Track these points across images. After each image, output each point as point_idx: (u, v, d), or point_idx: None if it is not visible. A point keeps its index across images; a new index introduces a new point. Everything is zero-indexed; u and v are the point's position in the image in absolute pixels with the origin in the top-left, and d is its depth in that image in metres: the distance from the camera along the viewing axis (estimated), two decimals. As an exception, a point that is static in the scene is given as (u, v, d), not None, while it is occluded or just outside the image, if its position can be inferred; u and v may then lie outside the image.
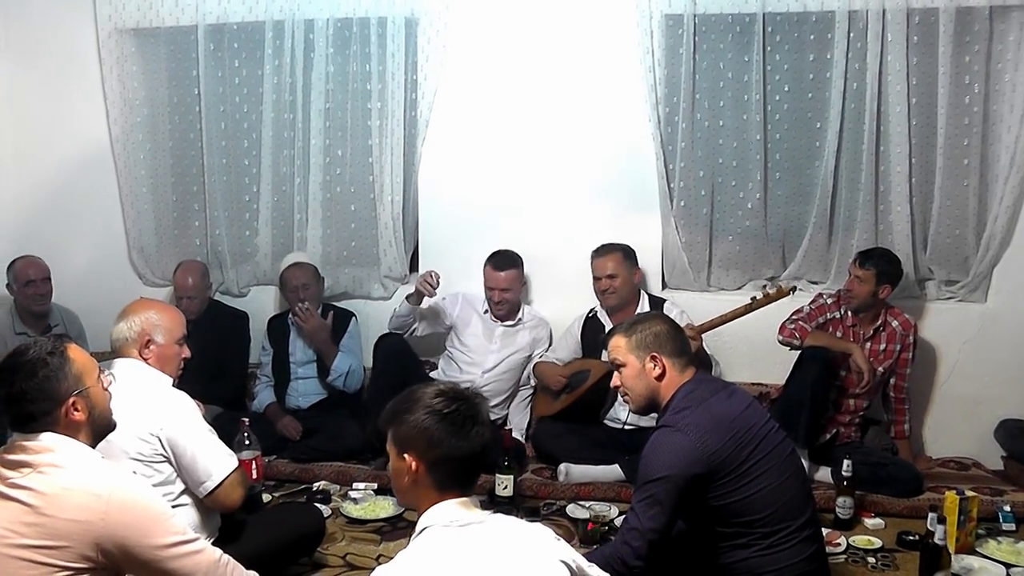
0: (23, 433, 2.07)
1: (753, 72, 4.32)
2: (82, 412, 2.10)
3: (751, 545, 2.47)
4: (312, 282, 4.47)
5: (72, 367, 2.10)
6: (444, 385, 1.98)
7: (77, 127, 5.02)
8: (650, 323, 2.67)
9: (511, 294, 4.37)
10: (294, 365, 4.54)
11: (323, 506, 3.65)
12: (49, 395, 2.06)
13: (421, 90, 4.59)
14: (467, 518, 1.83)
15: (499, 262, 4.35)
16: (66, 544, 1.95)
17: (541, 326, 4.52)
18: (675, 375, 2.60)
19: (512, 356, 4.43)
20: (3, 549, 1.94)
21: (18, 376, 2.06)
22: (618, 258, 4.19)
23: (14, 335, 4.46)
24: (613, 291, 4.17)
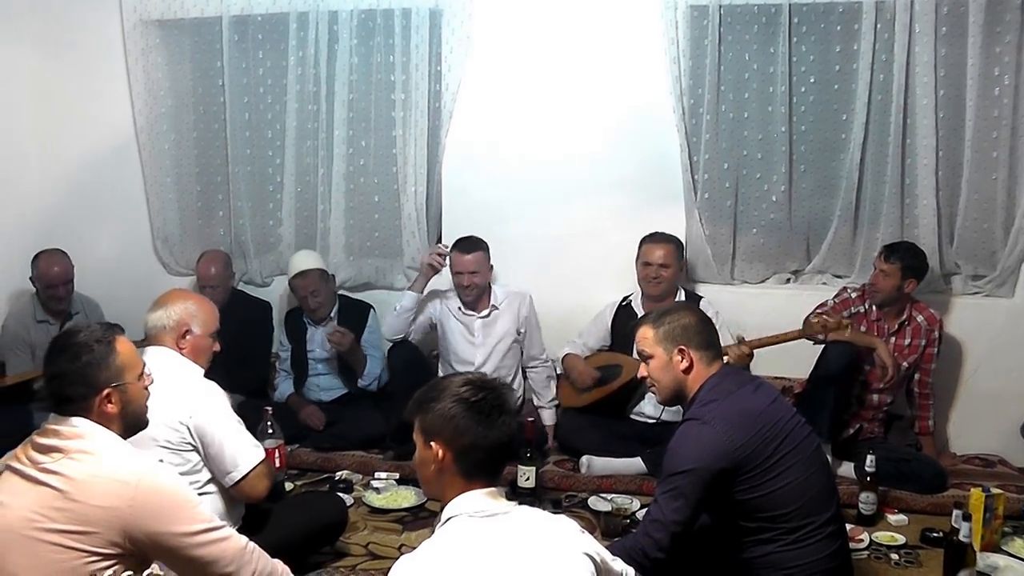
0: (58, 415, 2.10)
1: (779, 63, 4.28)
2: (115, 406, 2.13)
3: (775, 540, 2.46)
4: (321, 286, 4.41)
5: (116, 359, 2.13)
6: (471, 374, 1.99)
7: (102, 117, 5.05)
8: (678, 315, 2.66)
9: (479, 277, 4.28)
10: (313, 362, 4.55)
11: (345, 495, 3.68)
12: (87, 381, 2.09)
13: (445, 81, 4.59)
14: (492, 508, 1.84)
15: (465, 246, 4.28)
16: (94, 530, 1.97)
17: (515, 299, 4.41)
18: (702, 368, 2.59)
19: (499, 345, 4.37)
20: (34, 532, 1.96)
21: (63, 356, 2.11)
22: (672, 249, 4.17)
23: (35, 323, 4.52)
24: (661, 280, 4.13)
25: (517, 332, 4.40)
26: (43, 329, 4.46)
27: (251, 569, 2.18)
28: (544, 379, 4.42)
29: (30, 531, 1.96)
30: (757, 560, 2.48)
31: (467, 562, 1.73)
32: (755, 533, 2.48)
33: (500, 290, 4.42)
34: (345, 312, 4.54)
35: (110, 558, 1.96)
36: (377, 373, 4.43)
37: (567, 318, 4.50)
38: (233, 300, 4.56)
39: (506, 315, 4.38)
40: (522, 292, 4.45)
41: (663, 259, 4.14)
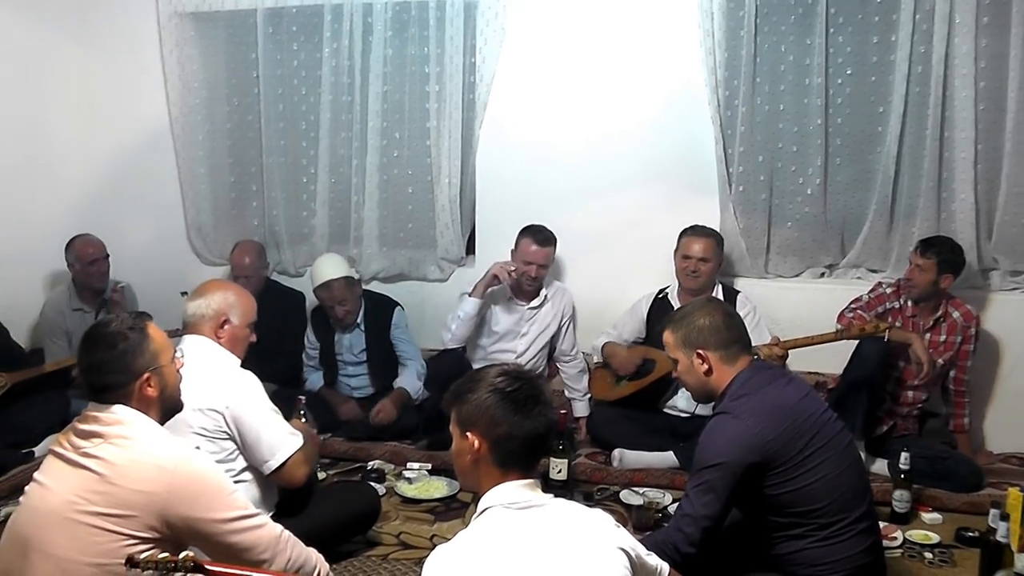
0: (97, 403, 2.14)
1: (815, 55, 4.24)
2: (154, 389, 2.17)
3: (806, 536, 2.44)
4: (347, 294, 4.36)
5: (150, 344, 2.18)
6: (506, 365, 1.99)
7: (137, 108, 5.11)
8: (694, 316, 2.63)
9: (545, 271, 4.33)
10: (342, 363, 4.55)
11: (377, 485, 3.69)
12: (125, 368, 2.13)
13: (479, 73, 4.59)
14: (528, 500, 1.84)
15: (540, 238, 4.27)
16: (132, 513, 2.00)
17: (560, 293, 4.48)
18: (724, 368, 2.57)
19: (541, 335, 4.42)
20: (75, 515, 2.00)
21: (99, 347, 2.14)
22: (712, 243, 4.15)
23: (71, 311, 4.59)
24: (699, 274, 4.11)
25: (558, 326, 4.43)
26: (79, 317, 4.54)
27: (286, 557, 2.21)
28: (576, 373, 4.45)
29: (71, 513, 2.01)
30: (788, 556, 2.47)
31: (503, 553, 1.74)
32: (786, 529, 2.46)
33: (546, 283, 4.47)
34: (372, 314, 4.50)
35: (147, 542, 1.99)
36: (420, 382, 4.40)
37: (600, 311, 4.50)
38: (266, 290, 4.58)
39: (551, 307, 4.43)
40: (564, 288, 4.51)
41: (703, 252, 4.11)
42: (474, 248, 4.84)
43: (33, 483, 2.14)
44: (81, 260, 4.56)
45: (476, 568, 1.71)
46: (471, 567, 1.72)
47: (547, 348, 4.48)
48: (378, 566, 3.12)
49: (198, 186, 5.10)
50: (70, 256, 4.60)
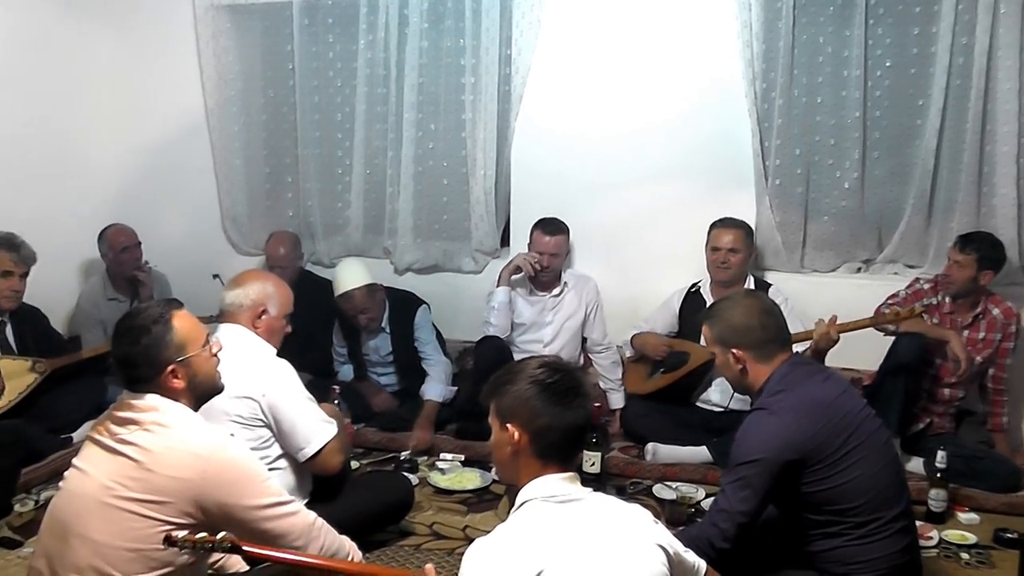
0: (131, 392, 2.16)
1: (854, 47, 4.19)
2: (181, 380, 2.18)
3: (843, 534, 2.43)
4: (368, 303, 4.29)
5: (174, 336, 2.17)
6: (546, 357, 1.99)
7: (173, 100, 5.16)
8: (729, 314, 2.61)
9: (558, 260, 4.35)
10: (370, 363, 4.56)
11: (410, 475, 3.71)
12: (150, 362, 2.14)
13: (515, 65, 4.58)
14: (567, 494, 1.84)
15: (549, 227, 4.32)
16: (168, 499, 2.03)
17: (582, 281, 4.49)
18: (759, 367, 2.55)
19: (567, 323, 4.43)
20: (112, 500, 2.03)
21: (124, 341, 2.16)
22: (741, 234, 4.13)
23: (106, 300, 4.66)
24: (729, 266, 4.10)
25: (584, 314, 4.42)
26: (113, 306, 4.59)
27: (319, 544, 2.24)
28: (609, 364, 4.44)
29: (108, 498, 2.03)
30: (823, 554, 2.46)
31: (541, 547, 1.74)
32: (822, 527, 2.45)
33: (567, 273, 4.48)
34: (397, 316, 4.45)
35: (183, 528, 2.00)
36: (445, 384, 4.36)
37: (634, 304, 4.50)
38: (301, 281, 4.61)
39: (574, 295, 4.44)
40: (587, 276, 4.50)
41: (732, 244, 4.10)
42: (508, 240, 4.84)
43: (72, 468, 2.17)
44: (113, 248, 4.62)
45: (516, 561, 1.71)
46: (511, 560, 1.72)
47: (577, 338, 4.48)
48: (410, 555, 3.14)
49: (233, 177, 5.14)
50: (103, 245, 4.66)
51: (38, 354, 4.04)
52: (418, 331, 4.46)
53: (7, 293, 3.92)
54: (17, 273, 3.93)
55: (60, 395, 4.06)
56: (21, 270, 3.95)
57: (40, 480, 3.64)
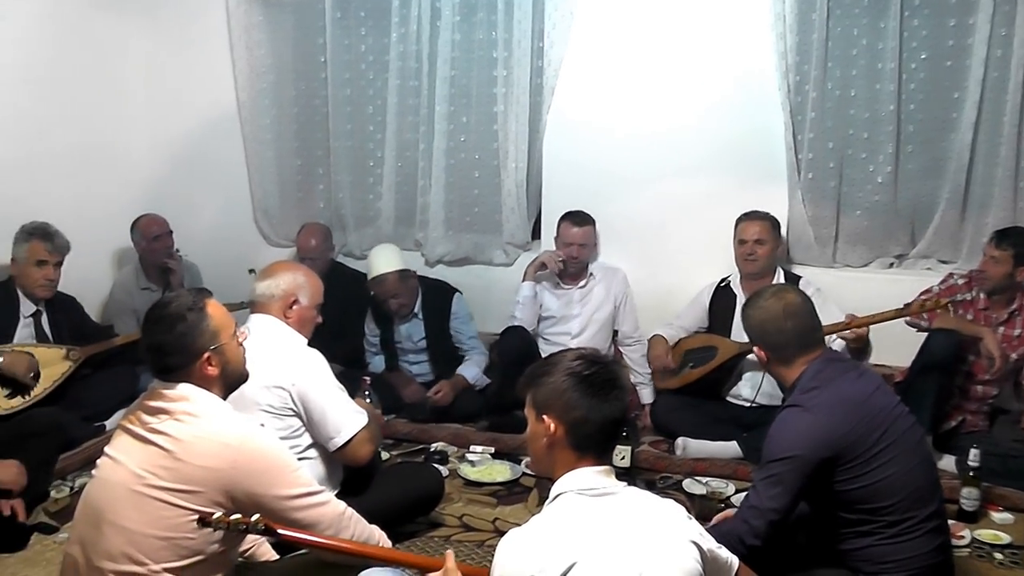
0: (162, 381, 2.18)
1: (888, 39, 4.15)
2: (215, 367, 2.19)
3: (875, 533, 2.41)
4: (400, 288, 4.34)
5: (209, 323, 2.19)
6: (583, 350, 1.99)
7: (206, 93, 5.19)
8: (751, 311, 2.64)
9: (586, 251, 4.38)
10: (402, 350, 4.58)
11: (440, 467, 3.71)
12: (185, 349, 2.16)
13: (547, 57, 4.58)
14: (602, 487, 1.84)
15: (576, 218, 4.36)
16: (198, 489, 2.04)
17: (610, 273, 4.49)
18: (779, 367, 2.57)
19: (595, 315, 4.43)
20: (143, 489, 2.05)
21: (158, 329, 2.17)
22: (767, 225, 4.11)
23: (139, 290, 4.70)
24: (756, 257, 4.08)
25: (613, 306, 4.43)
26: (146, 296, 4.63)
27: (349, 533, 2.25)
28: (640, 357, 4.43)
29: (140, 487, 2.05)
30: (855, 552, 2.44)
31: (575, 540, 1.74)
32: (854, 525, 2.43)
33: (594, 265, 4.49)
34: (430, 303, 4.49)
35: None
36: (481, 371, 4.42)
37: (665, 299, 4.47)
38: (332, 272, 4.61)
39: (601, 287, 4.45)
40: (616, 267, 4.50)
41: (758, 235, 4.08)
42: (540, 233, 4.84)
43: (104, 457, 2.18)
44: (146, 237, 4.67)
45: (549, 553, 1.71)
46: (544, 552, 1.72)
47: (607, 330, 4.48)
48: (440, 547, 3.15)
49: (265, 169, 5.17)
50: (135, 234, 4.71)
51: (73, 342, 4.09)
52: (456, 321, 4.50)
53: (42, 282, 3.96)
54: (51, 262, 3.97)
55: (93, 384, 4.11)
56: (55, 259, 3.99)
57: (74, 467, 3.69)
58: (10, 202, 4.21)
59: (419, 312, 4.48)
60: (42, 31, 4.51)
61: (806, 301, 2.63)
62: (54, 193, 4.49)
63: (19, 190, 4.33)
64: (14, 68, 4.33)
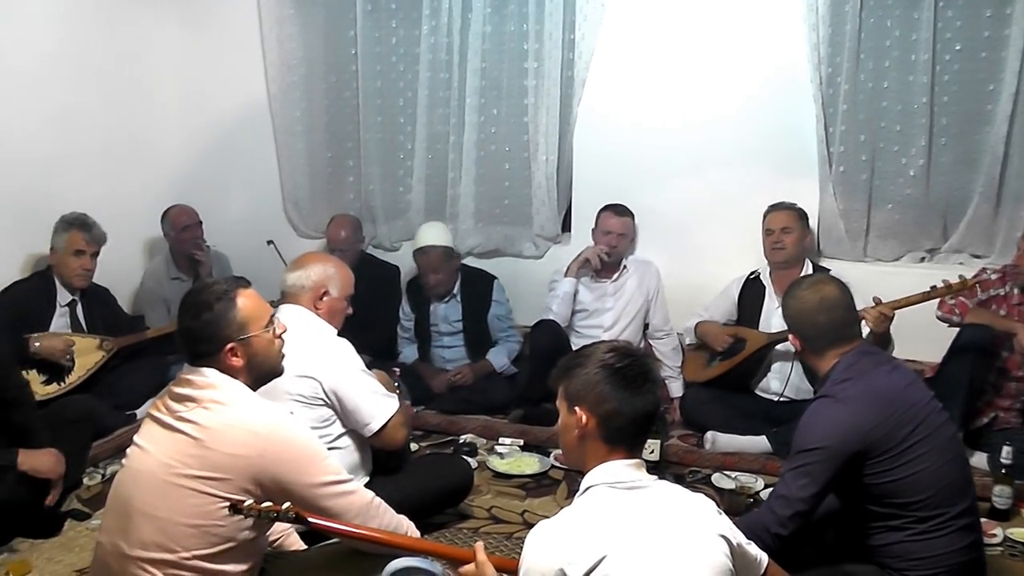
0: (191, 366, 2.19)
1: (922, 30, 4.11)
2: (240, 359, 2.19)
3: (904, 528, 2.39)
4: (442, 264, 4.42)
5: (236, 314, 2.18)
6: (615, 342, 1.99)
7: (237, 85, 5.23)
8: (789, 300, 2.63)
9: (624, 241, 4.39)
10: (437, 334, 4.61)
11: (469, 459, 3.73)
12: (210, 338, 2.16)
13: (578, 49, 4.57)
14: (633, 480, 1.84)
15: (617, 209, 4.38)
16: (227, 477, 2.05)
17: (643, 266, 4.49)
18: (812, 357, 2.56)
19: (627, 308, 4.43)
20: (172, 477, 2.06)
21: (187, 315, 2.19)
22: (793, 215, 4.10)
23: (169, 280, 4.76)
24: (784, 246, 4.06)
25: (645, 299, 4.43)
26: (176, 286, 4.69)
27: (377, 523, 2.25)
28: (670, 351, 4.43)
29: (168, 476, 2.06)
30: (884, 548, 2.42)
31: (605, 533, 1.74)
32: (883, 519, 2.41)
33: (627, 259, 4.48)
34: (468, 287, 4.56)
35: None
36: (508, 360, 4.47)
37: (695, 292, 4.46)
38: (362, 264, 4.63)
39: (634, 280, 4.44)
40: (648, 260, 4.50)
41: (784, 223, 4.07)
42: (570, 226, 4.85)
43: (133, 446, 2.20)
44: (175, 227, 4.72)
45: (579, 546, 1.72)
46: (574, 544, 1.72)
47: (638, 323, 4.47)
48: (469, 538, 3.16)
49: (295, 161, 5.20)
50: (165, 225, 4.77)
51: (106, 332, 4.15)
52: (496, 306, 4.56)
53: (79, 272, 4.03)
54: (88, 252, 4.04)
55: (124, 373, 4.16)
56: (92, 249, 4.06)
57: (106, 455, 3.74)
58: (45, 195, 4.29)
59: (458, 294, 4.54)
60: (73, 26, 4.56)
61: (844, 294, 2.60)
62: (87, 186, 4.54)
63: (53, 183, 4.39)
64: (47, 63, 4.39)
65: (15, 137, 4.22)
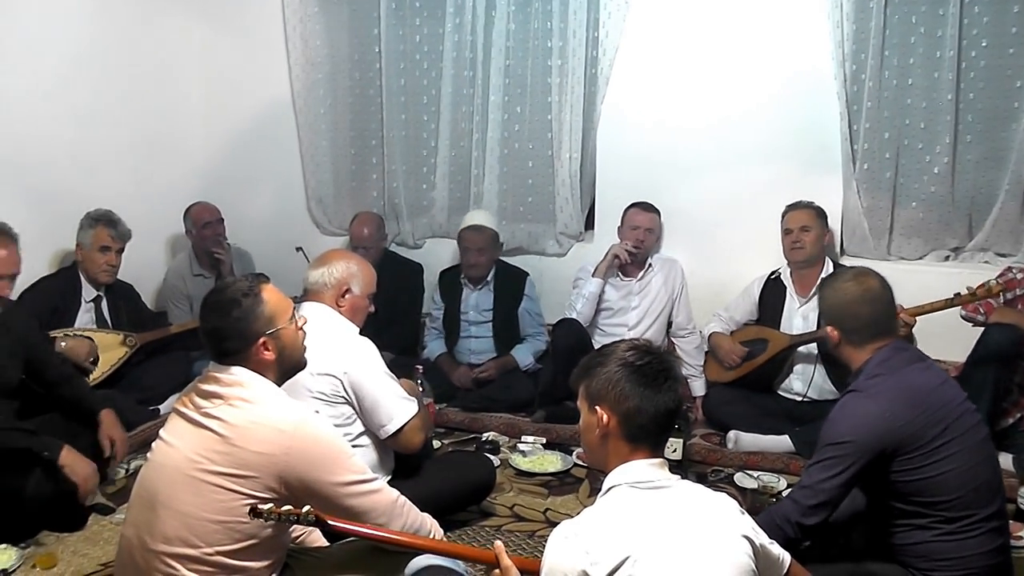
0: (218, 365, 2.20)
1: (948, 26, 4.07)
2: (272, 352, 2.21)
3: (931, 528, 2.36)
4: (489, 247, 4.51)
5: (265, 308, 2.21)
6: (636, 341, 1.99)
7: (261, 82, 5.25)
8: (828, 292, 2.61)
9: (651, 237, 4.37)
10: (466, 323, 4.62)
11: (492, 456, 3.73)
12: (241, 334, 2.18)
13: (602, 47, 4.56)
14: (656, 480, 1.84)
15: (643, 205, 4.38)
16: (252, 474, 2.06)
17: (667, 264, 4.47)
18: (850, 350, 2.53)
19: (652, 307, 4.41)
20: (198, 473, 2.08)
21: (214, 314, 2.20)
22: (812, 213, 4.08)
23: (192, 276, 4.80)
24: (803, 245, 4.05)
25: (670, 298, 4.42)
26: (199, 282, 4.74)
27: (401, 522, 2.27)
28: (693, 349, 4.41)
29: (194, 471, 2.08)
30: (910, 547, 2.39)
31: (628, 534, 1.74)
32: (910, 517, 2.38)
33: (652, 257, 4.46)
34: (502, 278, 4.61)
35: (267, 502, 2.00)
36: (533, 358, 4.48)
37: (719, 290, 4.46)
38: (385, 261, 4.65)
39: (659, 279, 4.42)
40: (673, 259, 4.49)
41: (805, 221, 4.05)
42: (593, 223, 4.84)
43: (158, 440, 2.21)
44: (196, 224, 4.76)
45: (602, 547, 1.72)
46: (597, 545, 1.72)
47: (662, 322, 4.45)
48: (491, 536, 3.16)
49: (319, 158, 5.22)
50: (187, 222, 4.81)
51: (130, 328, 4.20)
52: (527, 301, 4.59)
53: (105, 267, 4.08)
54: (114, 248, 4.10)
55: (147, 369, 4.21)
56: (118, 246, 4.12)
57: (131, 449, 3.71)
58: (71, 192, 4.33)
59: (491, 282, 4.58)
60: (100, 26, 4.60)
61: (885, 288, 2.58)
62: (112, 183, 4.58)
63: (79, 180, 4.44)
64: (73, 61, 4.43)
65: (43, 134, 4.27)
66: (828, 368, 3.95)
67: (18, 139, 4.12)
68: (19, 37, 4.10)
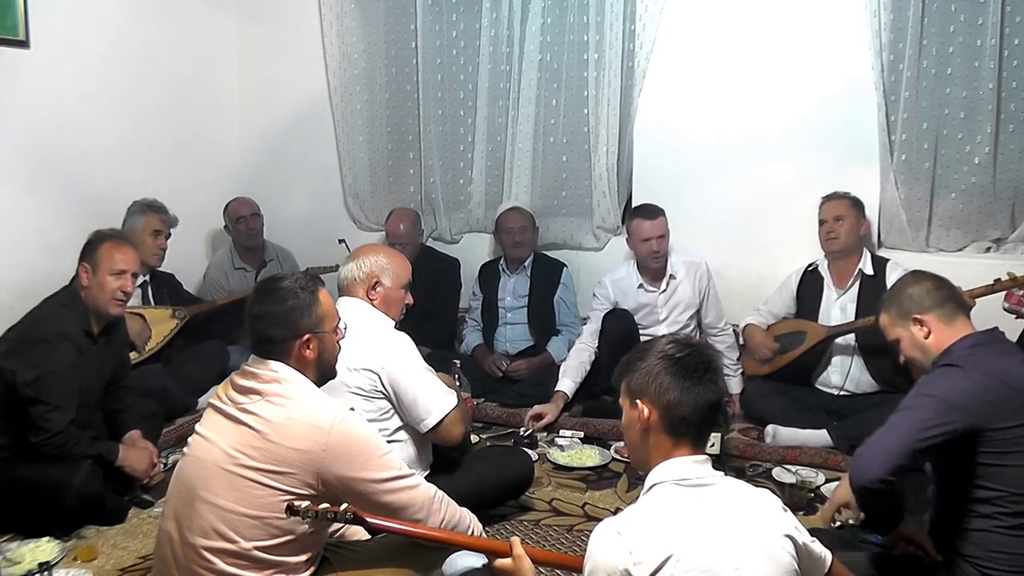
0: (258, 357, 2.21)
1: (989, 14, 4.01)
2: (313, 352, 2.22)
3: (993, 518, 2.29)
4: (530, 227, 4.60)
5: (318, 308, 2.23)
6: (676, 335, 1.98)
7: (298, 79, 5.31)
8: (901, 288, 2.54)
9: (665, 241, 4.27)
10: (503, 310, 4.67)
11: (529, 451, 3.73)
12: (290, 325, 2.19)
13: (639, 40, 4.55)
14: (698, 477, 1.83)
15: (647, 212, 4.27)
16: (290, 470, 2.07)
17: (692, 268, 4.38)
18: (944, 329, 2.43)
19: (680, 316, 4.37)
20: (235, 468, 2.09)
21: (269, 299, 2.22)
22: (846, 203, 4.04)
23: (233, 269, 4.89)
24: (837, 235, 4.02)
25: (699, 301, 4.38)
26: (240, 276, 4.84)
27: (439, 517, 2.27)
28: (725, 348, 4.37)
29: (231, 466, 2.09)
30: (968, 533, 2.33)
31: (671, 532, 1.74)
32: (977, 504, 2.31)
33: (676, 259, 4.39)
34: (539, 266, 4.66)
35: (304, 499, 2.02)
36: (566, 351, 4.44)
37: (755, 284, 4.44)
38: (422, 256, 4.68)
39: (685, 285, 4.37)
40: (697, 260, 4.42)
41: (836, 211, 4.03)
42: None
43: (195, 435, 2.23)
44: (232, 219, 4.86)
45: (644, 545, 1.71)
46: (639, 544, 1.72)
47: (693, 322, 4.41)
48: (530, 531, 3.18)
49: (356, 154, 5.26)
50: (226, 217, 4.91)
51: (174, 310, 4.33)
52: (563, 290, 4.63)
53: (155, 251, 4.21)
54: (164, 233, 4.22)
55: (185, 360, 4.28)
56: (167, 231, 4.24)
57: (169, 444, 3.83)
58: (111, 185, 4.41)
59: (528, 268, 4.63)
60: (139, 21, 4.67)
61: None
62: (152, 179, 4.65)
63: (119, 174, 4.52)
64: (112, 60, 4.51)
65: (82, 129, 4.35)
66: (866, 360, 3.92)
67: (59, 137, 4.22)
68: (59, 37, 4.17)
